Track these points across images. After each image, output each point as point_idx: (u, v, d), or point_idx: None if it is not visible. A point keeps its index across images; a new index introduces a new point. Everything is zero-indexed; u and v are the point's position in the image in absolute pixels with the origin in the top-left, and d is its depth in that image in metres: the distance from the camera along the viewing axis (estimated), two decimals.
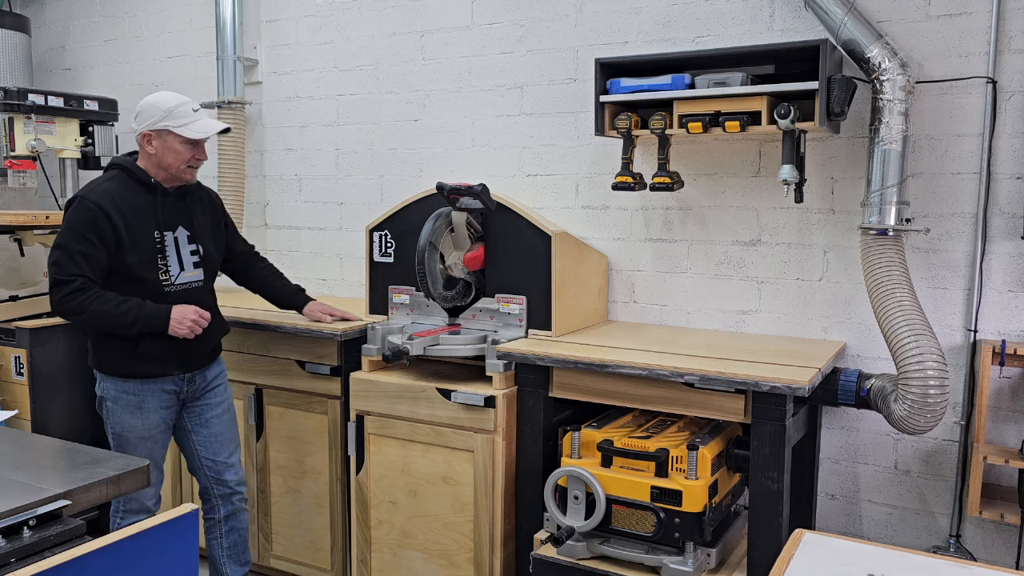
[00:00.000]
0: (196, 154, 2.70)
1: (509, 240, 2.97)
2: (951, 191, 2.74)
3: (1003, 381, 2.72)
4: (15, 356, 3.60)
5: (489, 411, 2.74)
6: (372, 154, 3.83)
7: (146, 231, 2.67)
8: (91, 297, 2.56)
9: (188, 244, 2.77)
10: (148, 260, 2.66)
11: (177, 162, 2.68)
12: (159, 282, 2.68)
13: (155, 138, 2.65)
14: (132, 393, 2.71)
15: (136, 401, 2.71)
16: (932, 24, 2.73)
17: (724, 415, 2.47)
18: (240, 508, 2.97)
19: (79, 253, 2.56)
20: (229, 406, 2.96)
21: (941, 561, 1.61)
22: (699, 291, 3.16)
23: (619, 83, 2.89)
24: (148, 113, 2.65)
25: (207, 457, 2.90)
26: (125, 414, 2.72)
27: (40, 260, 4.19)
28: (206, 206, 2.89)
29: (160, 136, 2.65)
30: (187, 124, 2.64)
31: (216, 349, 2.93)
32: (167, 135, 2.64)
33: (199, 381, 2.84)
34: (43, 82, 4.78)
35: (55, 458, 2.03)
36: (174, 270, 2.72)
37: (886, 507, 2.92)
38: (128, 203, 2.65)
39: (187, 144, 2.66)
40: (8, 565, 1.54)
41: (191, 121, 2.65)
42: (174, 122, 2.63)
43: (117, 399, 2.72)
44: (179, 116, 2.64)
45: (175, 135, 2.64)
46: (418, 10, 3.65)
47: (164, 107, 2.64)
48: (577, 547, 2.56)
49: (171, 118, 2.63)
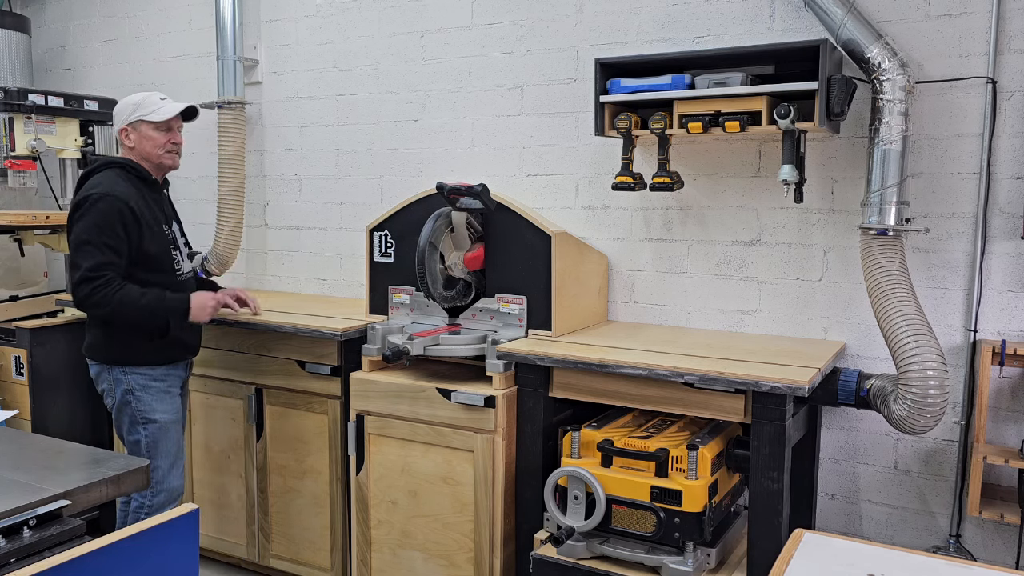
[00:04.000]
0: (171, 138, 2.89)
1: (509, 240, 2.97)
2: (951, 191, 2.74)
3: (1003, 381, 2.72)
4: (15, 356, 3.60)
5: (489, 411, 2.74)
6: (372, 154, 3.83)
7: (158, 225, 2.87)
8: (116, 289, 2.70)
9: (180, 236, 3.02)
10: (164, 252, 2.87)
11: (155, 148, 2.86)
12: (174, 271, 2.90)
13: (131, 131, 2.86)
14: (160, 379, 2.88)
15: (164, 387, 2.89)
16: (932, 24, 2.73)
17: (724, 415, 2.47)
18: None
19: (108, 248, 2.70)
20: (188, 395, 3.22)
21: (941, 561, 1.61)
22: (699, 291, 3.16)
23: (619, 83, 2.89)
24: (120, 111, 2.88)
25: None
26: (155, 401, 2.86)
27: (40, 260, 4.20)
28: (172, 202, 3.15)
29: (135, 128, 2.85)
30: (155, 110, 2.85)
31: None
32: (140, 125, 2.85)
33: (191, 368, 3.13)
34: (43, 82, 4.78)
35: (55, 458, 2.03)
36: (182, 260, 2.96)
37: (886, 507, 2.92)
38: (140, 199, 2.83)
39: (160, 129, 2.85)
40: (8, 565, 1.54)
41: (158, 107, 2.85)
42: (143, 111, 2.84)
43: (146, 388, 2.85)
44: (147, 105, 2.85)
45: (146, 123, 2.84)
46: (418, 10, 3.65)
47: (133, 102, 2.86)
48: (577, 547, 2.56)
49: (140, 109, 2.85)
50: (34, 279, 4.12)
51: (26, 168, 3.86)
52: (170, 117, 2.86)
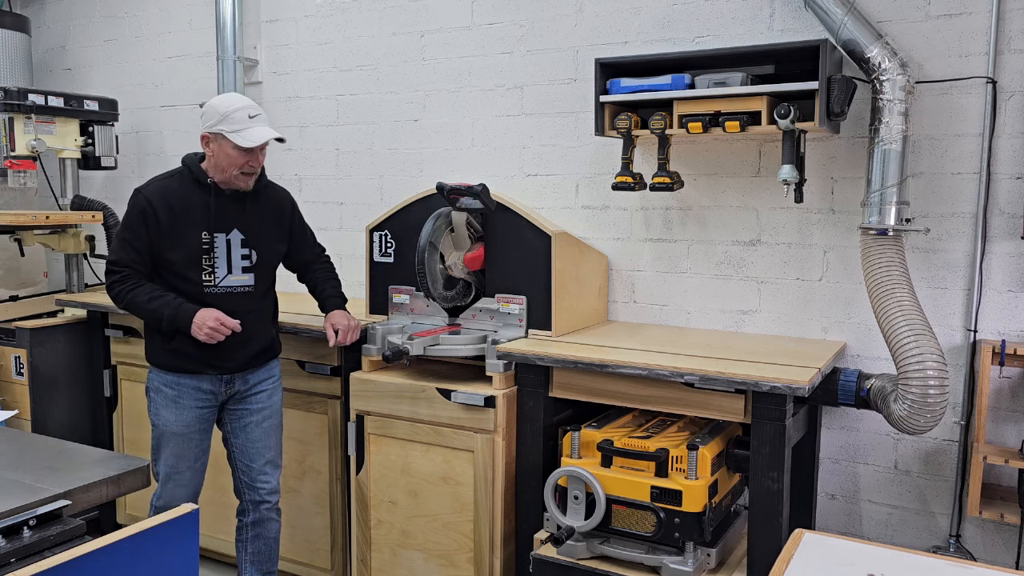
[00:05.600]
0: (249, 160, 2.69)
1: (509, 240, 2.97)
2: (951, 191, 2.74)
3: (1003, 381, 2.72)
4: (15, 356, 3.60)
5: (489, 411, 2.74)
6: (372, 154, 3.84)
7: (194, 230, 2.70)
8: (131, 287, 2.67)
9: (241, 248, 2.77)
10: (192, 259, 2.70)
11: (230, 167, 2.68)
12: (200, 282, 2.72)
13: (212, 141, 2.67)
14: (170, 387, 2.77)
15: (173, 395, 2.77)
16: (932, 24, 2.73)
17: (724, 415, 2.47)
18: (268, 516, 2.95)
19: (127, 243, 2.69)
20: (271, 414, 2.92)
21: (941, 561, 1.61)
22: (699, 291, 3.16)
23: (619, 83, 2.89)
24: (208, 115, 2.67)
25: (242, 461, 2.91)
26: (163, 407, 2.78)
27: (40, 260, 4.20)
28: (271, 209, 2.88)
29: (216, 139, 2.66)
30: (239, 131, 2.63)
31: (262, 355, 2.87)
32: (221, 139, 2.65)
33: (239, 384, 2.84)
34: (43, 82, 4.78)
35: (55, 458, 2.03)
36: (221, 272, 2.74)
37: (886, 507, 2.92)
38: (181, 201, 2.70)
39: (239, 150, 2.65)
40: (8, 565, 1.54)
41: (244, 128, 2.63)
42: (228, 127, 2.62)
43: (158, 391, 2.80)
44: (233, 121, 2.63)
45: (228, 140, 2.63)
46: (418, 10, 3.65)
47: (221, 111, 2.64)
48: (577, 547, 2.56)
49: (226, 123, 2.62)
50: (34, 279, 4.12)
51: (26, 168, 3.86)
52: (255, 145, 2.65)
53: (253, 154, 2.69)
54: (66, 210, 4.08)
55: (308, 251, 3.07)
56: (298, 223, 3.01)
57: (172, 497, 2.82)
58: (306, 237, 3.06)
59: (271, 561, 3.00)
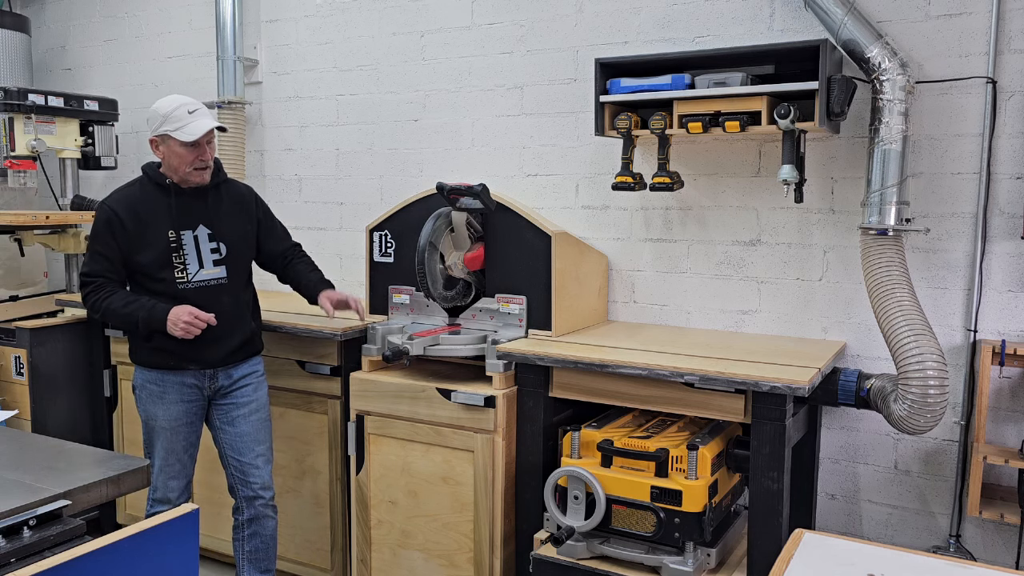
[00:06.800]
0: (198, 155, 2.73)
1: (509, 240, 2.97)
2: (951, 191, 2.74)
3: (1003, 381, 2.72)
4: (15, 356, 3.60)
5: (489, 411, 2.74)
6: (372, 154, 3.84)
7: (160, 231, 2.76)
8: (105, 295, 2.71)
9: (209, 242, 2.82)
10: (162, 259, 2.75)
11: (182, 165, 2.73)
12: (174, 280, 2.76)
13: (160, 143, 2.73)
14: (155, 383, 2.82)
15: (158, 391, 2.82)
16: (932, 24, 2.73)
17: (724, 415, 2.47)
18: (263, 514, 2.95)
19: (98, 254, 2.75)
20: (259, 407, 2.95)
21: (941, 561, 1.61)
22: (699, 291, 3.16)
23: (619, 83, 2.89)
24: (152, 119, 2.74)
25: (233, 456, 2.93)
26: (149, 403, 2.84)
27: (40, 260, 4.20)
28: (233, 202, 2.93)
29: (164, 141, 2.72)
30: (182, 127, 2.68)
31: (242, 349, 2.90)
32: (168, 140, 2.71)
33: (222, 379, 2.87)
34: (43, 82, 4.78)
35: (55, 458, 2.03)
36: (192, 268, 2.79)
37: (886, 507, 2.92)
38: (144, 206, 2.76)
39: (186, 147, 2.70)
40: (8, 565, 1.54)
41: (186, 124, 2.68)
42: (170, 126, 2.69)
43: (143, 387, 2.85)
44: (174, 120, 2.68)
45: (173, 139, 2.69)
46: (418, 10, 3.65)
47: (162, 112, 2.70)
48: (577, 547, 2.56)
49: (168, 123, 2.69)
50: (34, 279, 4.12)
51: (26, 168, 3.86)
52: (197, 137, 2.69)
53: (200, 147, 2.74)
54: (66, 210, 4.08)
55: (279, 242, 3.09)
56: (264, 213, 3.05)
57: (167, 488, 2.87)
58: (275, 226, 3.10)
59: (269, 559, 3.01)
